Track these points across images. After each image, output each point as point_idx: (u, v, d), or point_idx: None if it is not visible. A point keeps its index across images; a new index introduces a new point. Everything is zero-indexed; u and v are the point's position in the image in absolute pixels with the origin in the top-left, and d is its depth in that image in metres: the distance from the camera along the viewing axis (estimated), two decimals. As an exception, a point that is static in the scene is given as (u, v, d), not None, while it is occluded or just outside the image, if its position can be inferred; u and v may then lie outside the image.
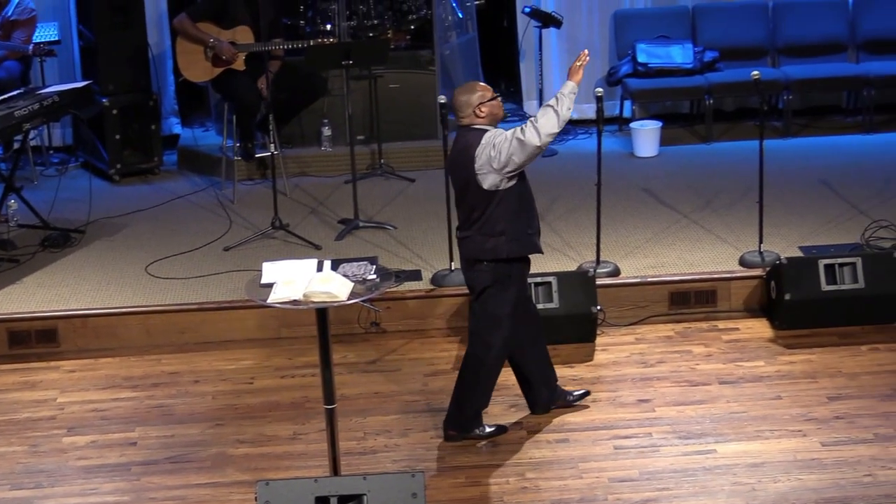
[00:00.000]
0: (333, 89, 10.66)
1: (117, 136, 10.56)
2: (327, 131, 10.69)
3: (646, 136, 10.75)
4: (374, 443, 6.97)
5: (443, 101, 8.42)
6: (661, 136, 10.81)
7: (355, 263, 6.24)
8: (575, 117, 9.92)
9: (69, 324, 8.20)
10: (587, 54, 6.70)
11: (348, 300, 6.01)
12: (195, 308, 8.26)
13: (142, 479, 6.70)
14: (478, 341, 6.82)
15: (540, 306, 7.61)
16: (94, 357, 8.09)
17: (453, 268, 8.35)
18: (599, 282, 8.14)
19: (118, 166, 10.61)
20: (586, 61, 6.63)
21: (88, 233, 9.44)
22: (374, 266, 6.22)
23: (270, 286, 6.07)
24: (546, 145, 6.49)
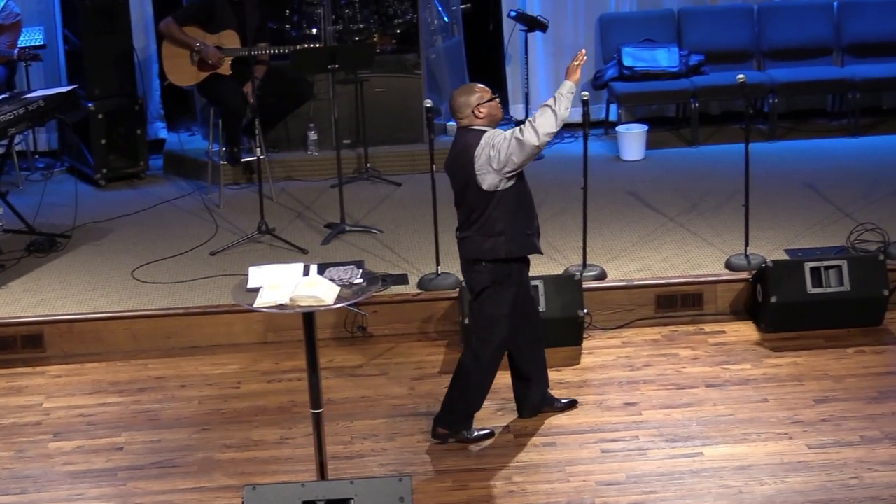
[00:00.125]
0: (319, 93, 10.65)
1: (103, 141, 10.55)
2: (313, 135, 10.69)
3: (632, 140, 10.76)
4: (361, 447, 6.96)
5: (429, 105, 8.42)
6: (647, 140, 10.82)
7: (342, 267, 6.24)
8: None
9: (55, 329, 8.18)
10: (585, 53, 6.75)
11: (335, 304, 6.00)
12: (181, 313, 8.25)
13: (128, 485, 6.69)
14: (475, 341, 6.82)
15: (526, 310, 7.61)
16: (80, 362, 8.07)
17: (440, 272, 8.35)
18: (586, 285, 8.14)
19: (104, 171, 10.59)
20: (584, 61, 6.67)
21: (74, 237, 9.42)
22: (361, 270, 6.22)
23: (257, 290, 6.07)
24: (545, 144, 6.53)
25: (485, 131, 6.62)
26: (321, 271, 6.20)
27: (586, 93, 8.25)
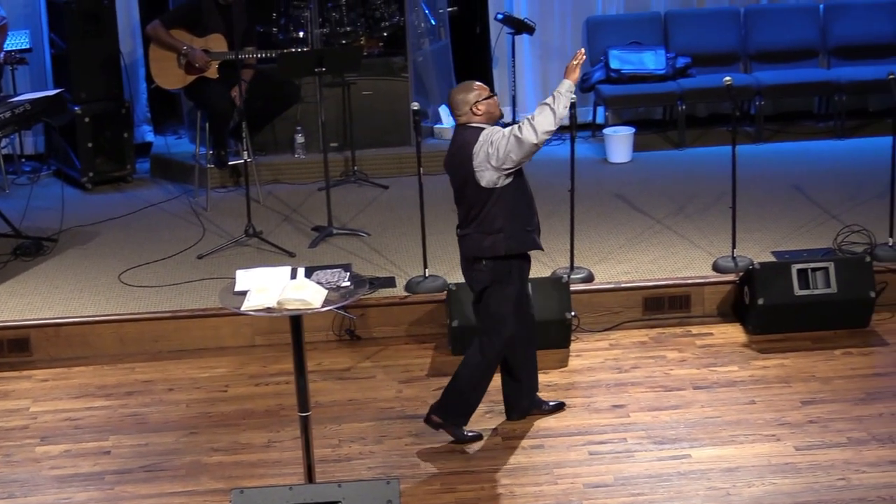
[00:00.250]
0: (306, 96, 10.65)
1: (89, 145, 10.53)
2: (300, 138, 10.68)
3: (619, 142, 10.77)
4: (349, 450, 6.96)
5: (416, 108, 8.42)
6: (634, 142, 10.83)
7: (329, 270, 6.24)
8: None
9: (42, 333, 8.16)
10: (584, 53, 6.80)
11: (322, 307, 6.00)
12: (168, 316, 8.24)
13: (116, 489, 6.68)
14: (482, 339, 6.83)
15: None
16: (67, 366, 8.05)
17: (427, 274, 8.35)
18: (573, 288, 8.15)
19: (90, 174, 10.57)
20: (583, 59, 6.71)
21: (61, 241, 9.40)
22: (348, 273, 6.21)
23: (244, 294, 6.06)
24: (543, 142, 6.54)
25: (483, 128, 6.65)
26: (308, 274, 6.20)
27: (573, 95, 8.24)
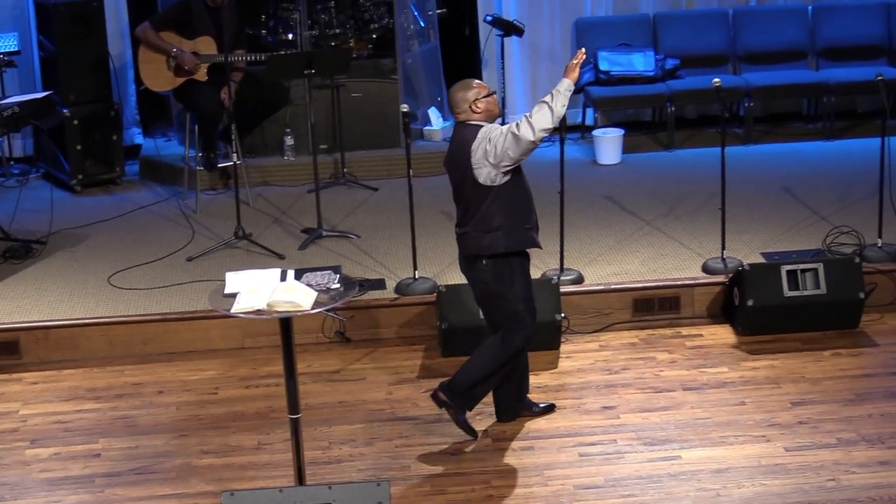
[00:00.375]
0: (296, 99, 10.64)
1: (78, 147, 10.52)
2: (290, 140, 10.68)
3: (608, 144, 10.78)
4: (339, 452, 6.95)
5: (405, 110, 8.42)
6: (624, 144, 10.85)
7: (319, 273, 6.23)
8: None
9: (31, 335, 8.15)
10: (584, 52, 6.80)
11: (312, 309, 5.99)
12: (158, 319, 8.23)
13: (106, 491, 6.67)
14: (504, 332, 6.82)
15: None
16: (57, 369, 8.04)
17: (417, 276, 8.35)
18: (563, 289, 8.15)
19: (79, 177, 10.56)
20: (583, 59, 6.71)
21: (50, 244, 9.39)
22: (338, 275, 6.21)
23: (234, 296, 6.05)
24: (540, 140, 6.55)
25: (482, 126, 6.66)
26: (298, 276, 6.20)
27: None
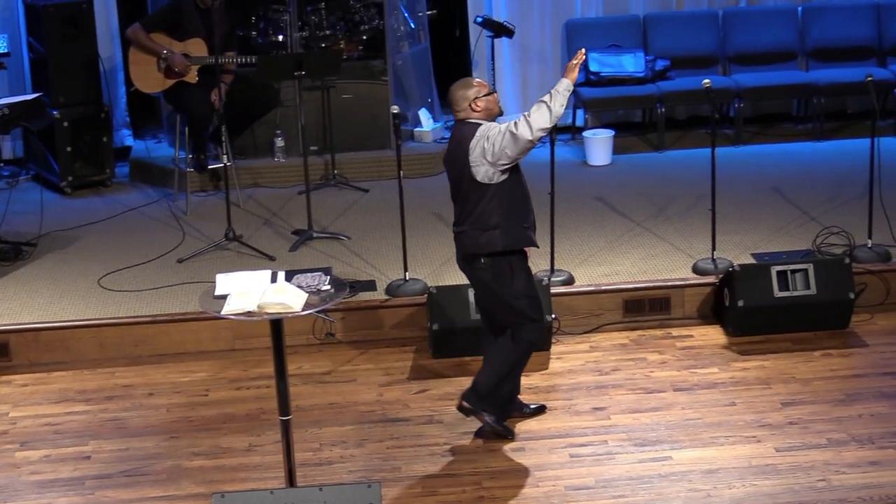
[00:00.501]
0: (286, 100, 10.64)
1: (69, 149, 10.51)
2: (280, 142, 10.67)
3: (598, 145, 10.79)
4: (330, 454, 6.95)
5: (396, 112, 8.42)
6: (614, 145, 10.85)
7: (309, 274, 6.23)
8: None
9: (21, 338, 8.13)
10: (584, 52, 6.81)
11: (303, 311, 5.99)
12: (149, 321, 8.22)
13: (96, 494, 6.66)
14: (514, 330, 6.83)
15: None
16: (47, 371, 8.03)
17: (408, 277, 8.35)
18: (554, 290, 8.15)
19: (70, 179, 10.55)
20: (583, 59, 6.71)
21: (40, 246, 9.38)
22: (329, 277, 6.21)
23: (224, 298, 6.05)
24: (538, 139, 6.57)
25: (480, 124, 6.67)
26: (289, 278, 6.19)
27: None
